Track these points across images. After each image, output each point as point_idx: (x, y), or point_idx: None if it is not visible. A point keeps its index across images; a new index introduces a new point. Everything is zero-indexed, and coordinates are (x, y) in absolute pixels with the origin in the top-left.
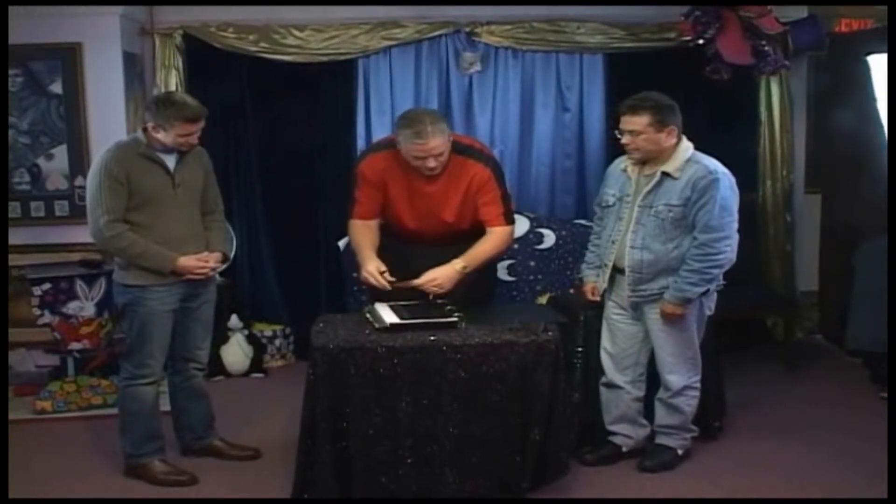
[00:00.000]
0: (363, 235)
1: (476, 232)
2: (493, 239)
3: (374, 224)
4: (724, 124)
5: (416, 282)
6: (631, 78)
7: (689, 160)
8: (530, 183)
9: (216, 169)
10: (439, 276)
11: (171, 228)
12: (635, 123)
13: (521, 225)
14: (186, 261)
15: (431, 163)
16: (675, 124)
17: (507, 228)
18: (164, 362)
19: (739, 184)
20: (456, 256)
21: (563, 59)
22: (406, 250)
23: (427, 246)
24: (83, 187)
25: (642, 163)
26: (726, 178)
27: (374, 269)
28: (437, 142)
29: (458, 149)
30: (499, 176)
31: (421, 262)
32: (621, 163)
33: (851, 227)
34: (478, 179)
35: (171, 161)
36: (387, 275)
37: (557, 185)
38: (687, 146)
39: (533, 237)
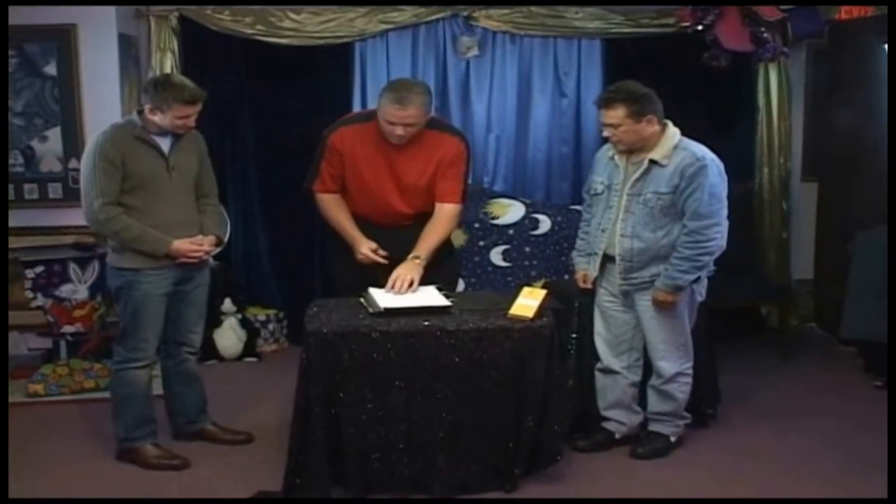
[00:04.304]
0: (341, 212)
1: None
2: (444, 221)
3: (341, 198)
4: (721, 111)
5: (388, 288)
6: (629, 64)
7: (676, 147)
8: (526, 168)
9: (211, 152)
10: (406, 273)
11: (165, 212)
12: (612, 117)
13: (517, 210)
14: (180, 244)
15: (399, 130)
16: (653, 112)
17: (457, 207)
18: (157, 346)
19: (736, 171)
20: (404, 240)
21: (561, 45)
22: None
23: (377, 228)
24: (77, 170)
25: (629, 151)
26: (714, 165)
27: (367, 251)
28: (413, 112)
29: (437, 125)
30: (468, 156)
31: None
32: (609, 150)
33: (848, 215)
34: (452, 152)
35: (165, 144)
36: (380, 251)
37: (554, 170)
38: (673, 132)
39: (528, 223)
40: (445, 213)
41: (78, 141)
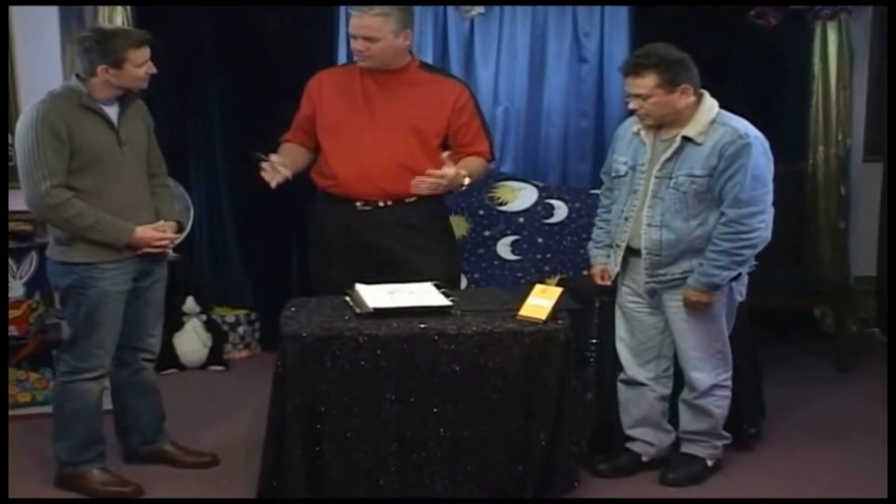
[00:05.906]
0: (294, 153)
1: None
2: (481, 161)
3: (300, 148)
4: (769, 80)
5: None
6: (660, 23)
7: (713, 122)
8: (540, 146)
9: (170, 128)
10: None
11: (119, 194)
12: (640, 86)
13: (528, 195)
14: (144, 232)
15: (357, 44)
16: (688, 82)
17: (488, 163)
18: (113, 353)
19: (786, 150)
20: (386, 226)
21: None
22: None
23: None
24: (10, 145)
25: (657, 126)
26: (759, 143)
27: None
28: (371, 21)
29: (433, 69)
30: (477, 104)
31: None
32: (633, 124)
33: None
34: (463, 100)
35: (113, 114)
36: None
37: (571, 149)
38: (710, 105)
39: (542, 210)
40: (479, 160)
41: (10, 111)
